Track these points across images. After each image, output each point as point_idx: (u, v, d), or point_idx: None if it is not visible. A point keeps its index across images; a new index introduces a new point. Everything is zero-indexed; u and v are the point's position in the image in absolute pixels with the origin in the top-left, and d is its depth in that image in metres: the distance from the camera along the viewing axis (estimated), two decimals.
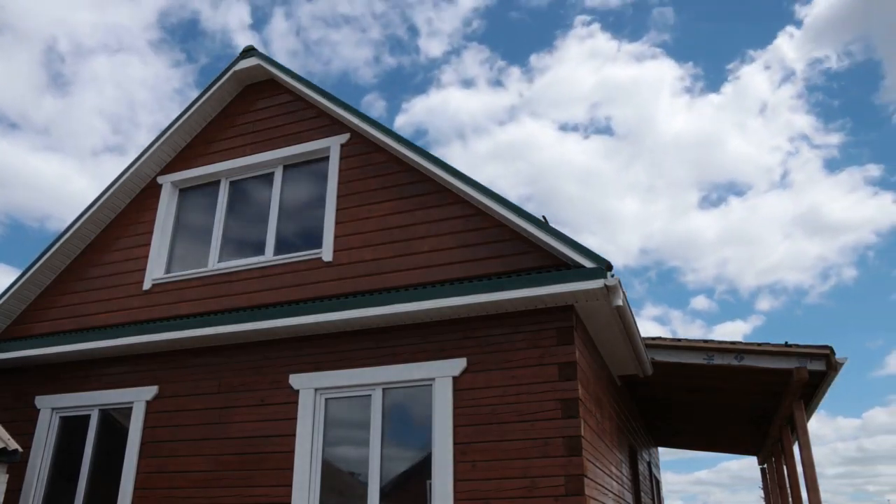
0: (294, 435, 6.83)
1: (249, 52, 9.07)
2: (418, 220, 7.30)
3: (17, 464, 7.70)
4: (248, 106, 9.12)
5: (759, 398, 10.71)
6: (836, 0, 55.92)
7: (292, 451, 6.78)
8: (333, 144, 8.19)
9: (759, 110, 66.44)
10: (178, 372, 7.74)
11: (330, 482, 6.66)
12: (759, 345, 8.47)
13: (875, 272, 73.85)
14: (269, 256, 7.98)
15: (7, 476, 7.09)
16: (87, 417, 8.09)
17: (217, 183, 8.91)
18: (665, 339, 9.06)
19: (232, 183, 8.84)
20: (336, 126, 8.29)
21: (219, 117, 9.25)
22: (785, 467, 12.40)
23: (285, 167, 8.52)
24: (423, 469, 6.31)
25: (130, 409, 7.83)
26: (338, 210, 7.79)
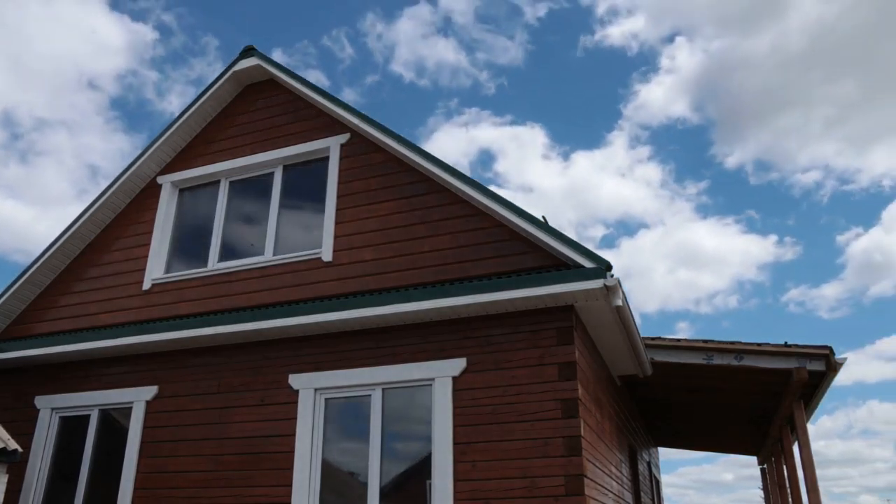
0: (294, 435, 6.83)
1: (249, 51, 9.06)
2: (418, 220, 7.30)
3: (17, 464, 7.69)
4: (247, 106, 9.12)
5: (759, 398, 10.71)
6: (676, 76, 65.95)
7: (292, 451, 6.78)
8: (333, 144, 8.19)
9: (629, 166, 77.21)
10: (178, 372, 7.74)
11: (330, 482, 6.66)
12: (758, 345, 8.47)
13: (766, 302, 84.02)
14: (268, 256, 7.98)
15: (7, 476, 7.09)
16: (87, 417, 8.09)
17: (217, 183, 8.91)
18: (665, 339, 9.07)
19: (232, 183, 8.83)
20: (336, 126, 8.29)
21: (219, 117, 9.25)
22: (785, 467, 12.40)
23: (285, 167, 8.52)
24: (423, 469, 6.31)
25: (130, 409, 7.83)
26: (338, 210, 7.79)
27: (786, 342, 8.37)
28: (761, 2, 50.56)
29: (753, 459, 18.41)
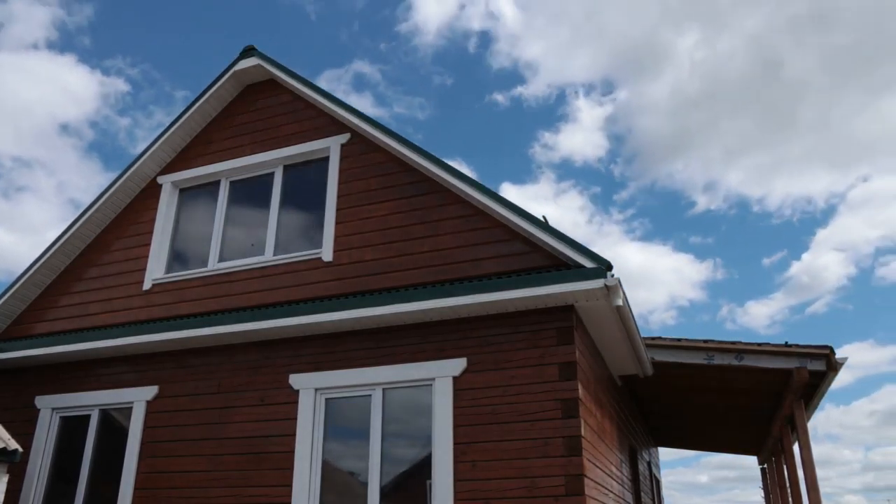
0: (294, 435, 6.83)
1: (250, 51, 9.06)
2: (418, 220, 7.30)
3: (17, 464, 7.69)
4: (248, 106, 9.12)
5: (759, 398, 10.71)
6: (584, 124, 70.28)
7: (292, 451, 6.78)
8: (333, 144, 8.18)
9: (555, 197, 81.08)
10: (178, 372, 7.74)
11: (330, 482, 6.66)
12: (759, 345, 8.47)
13: (703, 319, 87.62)
14: (268, 256, 7.97)
15: (7, 476, 7.08)
16: (87, 417, 8.09)
17: (217, 183, 8.91)
18: (665, 339, 9.06)
19: (232, 183, 8.83)
20: (336, 126, 8.28)
21: (219, 117, 9.25)
22: (785, 467, 12.39)
23: (285, 167, 8.52)
24: (423, 469, 6.31)
25: (130, 409, 7.83)
26: (338, 210, 7.79)
27: (786, 342, 8.37)
28: (642, 56, 54.74)
29: (730, 461, 18.54)
